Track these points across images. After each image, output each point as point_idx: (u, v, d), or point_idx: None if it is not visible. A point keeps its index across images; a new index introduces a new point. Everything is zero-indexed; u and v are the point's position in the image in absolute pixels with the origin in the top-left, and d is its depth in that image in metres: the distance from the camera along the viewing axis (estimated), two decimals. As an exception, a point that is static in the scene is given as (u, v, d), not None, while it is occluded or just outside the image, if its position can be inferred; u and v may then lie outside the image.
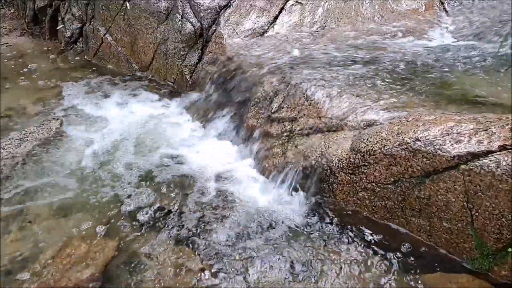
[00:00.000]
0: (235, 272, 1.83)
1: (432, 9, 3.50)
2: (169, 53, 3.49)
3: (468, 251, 1.79)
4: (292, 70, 2.60)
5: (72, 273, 1.79)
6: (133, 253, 1.92)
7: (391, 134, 1.92)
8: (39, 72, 3.83)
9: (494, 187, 1.64)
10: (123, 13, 3.73)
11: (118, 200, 2.25)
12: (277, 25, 3.28)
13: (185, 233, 2.04)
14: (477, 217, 1.72)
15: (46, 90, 3.49)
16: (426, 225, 1.88)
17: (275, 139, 2.43)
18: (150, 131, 2.93)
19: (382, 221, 2.01)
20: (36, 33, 4.66)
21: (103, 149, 2.69)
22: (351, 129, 2.14)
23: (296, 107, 2.38)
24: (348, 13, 3.40)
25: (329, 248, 1.93)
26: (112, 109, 3.21)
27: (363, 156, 1.99)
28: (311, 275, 1.81)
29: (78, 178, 2.42)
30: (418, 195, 1.86)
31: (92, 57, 4.11)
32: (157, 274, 1.82)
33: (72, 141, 2.78)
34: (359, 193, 2.05)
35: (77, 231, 2.04)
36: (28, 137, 2.72)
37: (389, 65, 2.68)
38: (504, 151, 1.64)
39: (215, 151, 2.67)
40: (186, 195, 2.30)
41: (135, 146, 2.74)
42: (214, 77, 3.05)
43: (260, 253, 1.92)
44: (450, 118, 1.85)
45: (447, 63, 2.71)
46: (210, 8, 3.32)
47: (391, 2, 3.51)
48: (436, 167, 1.78)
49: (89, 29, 4.07)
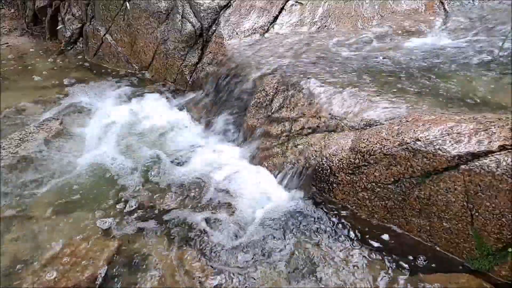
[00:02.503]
0: (236, 272, 1.83)
1: (432, 9, 3.50)
2: (169, 53, 3.49)
3: (468, 251, 1.79)
4: (292, 70, 2.60)
5: (72, 273, 1.79)
6: (133, 253, 1.92)
7: (391, 134, 1.92)
8: (39, 72, 3.83)
9: (494, 187, 1.65)
10: (123, 13, 3.73)
11: (118, 200, 2.25)
12: (277, 25, 3.28)
13: (186, 233, 2.04)
14: (477, 217, 1.72)
15: (46, 90, 3.49)
16: (426, 225, 1.88)
17: (275, 139, 2.43)
18: (150, 131, 2.93)
19: (382, 221, 2.01)
20: (36, 33, 4.66)
21: (103, 149, 2.69)
22: (351, 129, 2.14)
23: (296, 107, 2.38)
24: (348, 13, 3.41)
25: (328, 248, 1.93)
26: (112, 108, 3.21)
27: (363, 156, 1.99)
28: (311, 275, 1.81)
29: (78, 177, 2.42)
30: (418, 195, 1.86)
31: (92, 57, 4.11)
32: (157, 274, 1.82)
33: (72, 141, 2.78)
34: (359, 193, 2.05)
35: (77, 231, 2.04)
36: (28, 137, 2.72)
37: (391, 65, 2.68)
38: (504, 151, 1.64)
39: (214, 151, 2.67)
40: (186, 195, 2.30)
41: (135, 146, 2.74)
42: (214, 77, 3.05)
43: (260, 253, 1.92)
44: (450, 118, 1.85)
45: (445, 63, 2.71)
46: (210, 8, 3.32)
47: (391, 2, 3.51)
48: (436, 167, 1.78)
49: (89, 29, 4.07)
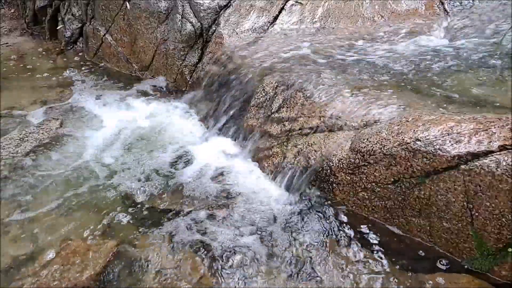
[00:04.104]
0: (235, 271, 1.83)
1: (432, 9, 3.50)
2: (169, 53, 3.49)
3: (468, 251, 1.79)
4: (292, 70, 2.60)
5: (72, 273, 1.79)
6: (133, 253, 1.92)
7: (391, 134, 1.92)
8: (39, 72, 3.83)
9: (494, 187, 1.64)
10: (123, 13, 3.73)
11: (118, 200, 2.25)
12: (277, 25, 3.29)
13: (186, 233, 2.03)
14: (477, 217, 1.72)
15: (46, 90, 3.49)
16: (426, 225, 1.88)
17: (275, 139, 2.43)
18: (150, 131, 2.93)
19: (382, 221, 2.01)
20: (36, 33, 4.65)
21: (103, 149, 2.69)
22: (351, 129, 2.14)
23: (295, 107, 2.38)
24: (348, 13, 3.40)
25: (328, 248, 1.93)
26: (112, 108, 3.21)
27: (363, 156, 1.99)
28: (311, 275, 1.81)
29: (78, 177, 2.42)
30: (418, 195, 1.86)
31: (92, 57, 4.11)
32: (157, 274, 1.82)
33: (72, 141, 2.78)
34: (359, 193, 2.05)
35: (77, 231, 2.04)
36: (28, 137, 2.72)
37: (392, 65, 2.67)
38: (504, 151, 1.64)
39: (215, 151, 2.67)
40: (186, 195, 2.30)
41: (135, 145, 2.74)
42: (214, 77, 3.05)
43: (260, 253, 1.92)
44: (450, 118, 1.85)
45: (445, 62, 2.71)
46: (210, 8, 3.32)
47: (391, 2, 3.51)
48: (436, 167, 1.78)
49: (89, 29, 4.07)
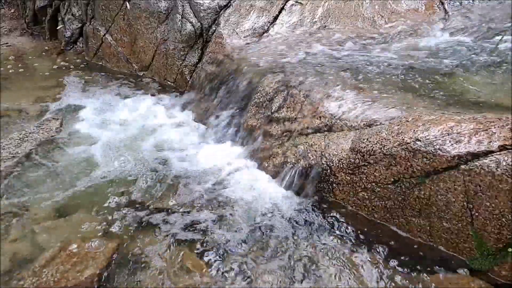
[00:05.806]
0: (235, 271, 1.82)
1: (432, 9, 3.50)
2: (169, 53, 3.49)
3: (468, 251, 1.78)
4: (292, 69, 2.59)
5: (72, 273, 1.79)
6: (133, 253, 1.92)
7: (391, 134, 1.92)
8: (39, 72, 3.83)
9: (494, 187, 1.65)
10: (123, 13, 3.73)
11: (118, 200, 2.25)
12: (277, 25, 3.28)
13: (186, 233, 2.03)
14: (477, 217, 1.72)
15: (46, 90, 3.49)
16: (426, 225, 1.88)
17: (275, 139, 2.43)
18: (150, 130, 2.93)
19: (382, 221, 2.01)
20: (36, 33, 4.66)
21: (103, 149, 2.69)
22: (351, 129, 2.14)
23: (296, 107, 2.38)
24: (348, 13, 3.40)
25: (328, 248, 1.93)
26: (112, 108, 3.21)
27: (363, 156, 1.99)
28: (311, 275, 1.81)
29: (78, 177, 2.42)
30: (418, 195, 1.86)
31: (92, 57, 4.11)
32: (157, 274, 1.82)
33: (72, 141, 2.78)
34: (359, 193, 2.05)
35: (77, 231, 2.04)
36: (28, 137, 2.72)
37: (392, 65, 2.67)
38: (504, 151, 1.64)
39: (214, 151, 2.67)
40: (186, 195, 2.30)
41: (135, 146, 2.74)
42: (214, 77, 3.05)
43: (260, 253, 1.92)
44: (450, 118, 1.85)
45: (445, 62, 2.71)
46: (210, 8, 3.32)
47: (391, 2, 3.51)
48: (436, 167, 1.78)
49: (89, 29, 4.07)
